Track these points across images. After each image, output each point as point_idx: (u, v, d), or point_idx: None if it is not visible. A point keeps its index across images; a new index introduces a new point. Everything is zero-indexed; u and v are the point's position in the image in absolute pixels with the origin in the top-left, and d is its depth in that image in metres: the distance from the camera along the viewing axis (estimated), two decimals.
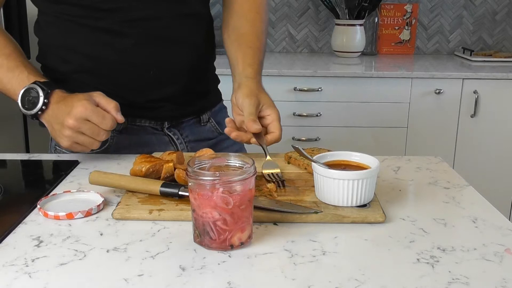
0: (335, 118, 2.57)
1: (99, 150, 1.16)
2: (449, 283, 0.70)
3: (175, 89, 1.20)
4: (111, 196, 0.96)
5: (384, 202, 0.95)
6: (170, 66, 1.18)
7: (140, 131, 1.22)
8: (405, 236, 0.83)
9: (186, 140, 1.25)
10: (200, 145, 1.23)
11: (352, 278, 0.71)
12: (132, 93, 1.18)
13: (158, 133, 1.23)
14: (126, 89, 1.17)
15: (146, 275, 0.71)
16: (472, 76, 2.53)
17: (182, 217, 0.87)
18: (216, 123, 1.31)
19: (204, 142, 1.26)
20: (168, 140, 1.24)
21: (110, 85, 1.16)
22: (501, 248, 0.80)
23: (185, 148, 1.25)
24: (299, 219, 0.87)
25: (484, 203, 0.97)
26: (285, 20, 3.10)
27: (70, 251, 0.78)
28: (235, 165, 0.82)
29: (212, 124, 1.30)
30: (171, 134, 1.24)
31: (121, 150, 1.21)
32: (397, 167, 1.14)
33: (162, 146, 1.22)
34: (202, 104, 1.27)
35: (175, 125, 1.24)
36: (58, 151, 1.25)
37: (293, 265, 0.74)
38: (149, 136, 1.22)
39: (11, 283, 0.69)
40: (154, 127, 1.22)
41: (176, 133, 1.24)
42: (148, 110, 1.20)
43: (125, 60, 1.15)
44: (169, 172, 0.98)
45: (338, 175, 0.89)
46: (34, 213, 0.90)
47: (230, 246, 0.78)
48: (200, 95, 1.26)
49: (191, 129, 1.26)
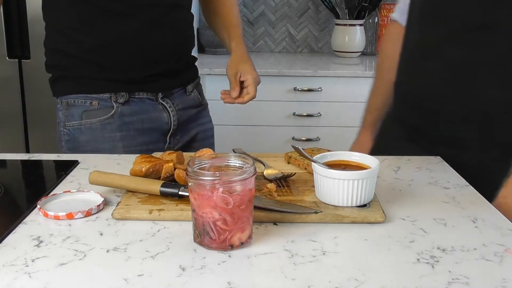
0: (335, 118, 2.57)
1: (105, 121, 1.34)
2: (449, 283, 0.70)
3: (168, 65, 1.40)
4: (111, 196, 0.96)
5: (384, 202, 0.95)
6: (165, 47, 1.37)
7: (139, 102, 1.38)
8: (405, 236, 0.83)
9: (177, 108, 1.43)
10: (188, 111, 1.46)
11: (352, 278, 0.71)
12: (133, 70, 1.35)
13: (153, 103, 1.40)
14: (128, 66, 1.34)
15: (146, 275, 0.71)
16: None
17: (182, 217, 0.87)
18: (198, 93, 1.51)
19: (190, 109, 1.47)
20: (162, 108, 1.41)
21: (115, 64, 1.33)
22: (501, 248, 0.80)
23: (175, 114, 1.43)
24: (299, 219, 0.87)
25: (484, 203, 0.97)
26: (285, 20, 3.10)
27: (70, 251, 0.78)
28: (235, 165, 0.82)
29: (195, 94, 1.50)
30: (164, 103, 1.41)
31: (125, 117, 1.36)
32: (397, 167, 1.14)
33: (156, 112, 1.40)
34: (187, 77, 1.48)
35: (168, 95, 1.42)
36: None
37: (293, 265, 0.74)
38: (147, 106, 1.39)
39: (11, 283, 0.69)
40: (150, 98, 1.39)
41: (168, 102, 1.42)
42: (146, 83, 1.38)
43: (131, 41, 1.32)
44: (169, 172, 0.98)
45: (338, 175, 0.89)
46: (34, 213, 0.90)
47: (230, 246, 0.78)
48: (185, 69, 1.48)
49: (180, 98, 1.45)
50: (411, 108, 1.26)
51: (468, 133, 1.17)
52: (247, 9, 3.13)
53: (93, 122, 1.34)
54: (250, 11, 3.14)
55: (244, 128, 2.61)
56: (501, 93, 1.12)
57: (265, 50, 3.16)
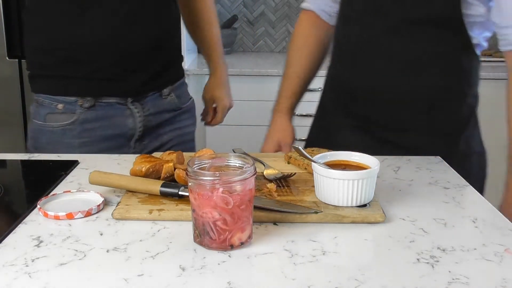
0: None
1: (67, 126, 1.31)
2: (449, 283, 0.70)
3: (140, 65, 1.33)
4: (111, 196, 0.96)
5: (384, 202, 0.95)
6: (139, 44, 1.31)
7: (106, 107, 1.33)
8: (405, 236, 0.83)
9: (146, 114, 1.37)
10: (161, 116, 1.39)
11: (352, 278, 0.71)
12: (102, 68, 1.29)
13: (122, 107, 1.34)
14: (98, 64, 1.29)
15: (146, 275, 0.71)
16: None
17: (182, 217, 0.87)
18: (176, 96, 1.43)
19: (164, 114, 1.41)
20: (130, 113, 1.35)
21: (85, 61, 1.28)
22: (501, 248, 0.80)
23: (143, 120, 1.36)
24: (299, 219, 0.87)
25: (484, 203, 0.97)
26: (285, 20, 3.10)
27: (70, 251, 0.78)
28: (235, 165, 0.82)
29: (172, 98, 1.42)
30: (133, 107, 1.35)
31: (87, 124, 1.32)
32: (397, 167, 1.14)
33: (122, 118, 1.34)
34: (164, 79, 1.40)
35: (139, 100, 1.35)
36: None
37: (293, 265, 0.74)
38: (114, 111, 1.33)
39: (11, 283, 0.69)
40: (120, 102, 1.33)
41: (138, 107, 1.35)
42: (115, 84, 1.32)
43: (102, 35, 1.27)
44: (169, 172, 0.98)
45: (338, 175, 0.89)
46: (34, 213, 0.90)
47: (230, 246, 0.78)
48: (164, 70, 1.39)
49: (153, 102, 1.38)
50: (360, 99, 1.29)
51: (416, 118, 1.25)
52: (247, 9, 3.13)
53: (54, 126, 1.31)
54: (250, 11, 3.14)
55: (244, 128, 2.61)
56: (441, 81, 1.22)
57: (265, 50, 3.16)
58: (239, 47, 3.22)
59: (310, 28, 1.42)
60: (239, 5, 3.16)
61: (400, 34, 1.20)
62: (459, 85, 1.24)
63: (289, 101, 1.44)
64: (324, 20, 1.41)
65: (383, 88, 1.24)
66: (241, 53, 3.17)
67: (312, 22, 1.42)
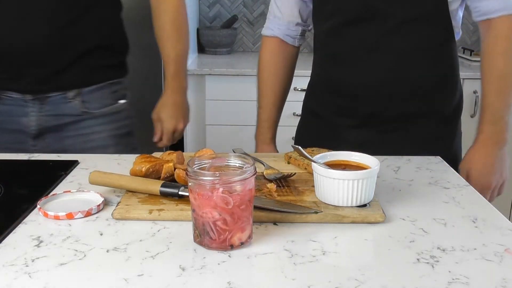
0: None
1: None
2: (449, 283, 0.70)
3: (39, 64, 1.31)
4: (111, 196, 0.96)
5: (384, 202, 0.95)
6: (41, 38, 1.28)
7: (9, 101, 1.35)
8: (405, 236, 0.83)
9: (45, 114, 1.36)
10: (62, 119, 1.37)
11: (352, 278, 0.71)
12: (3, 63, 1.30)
13: (24, 104, 1.35)
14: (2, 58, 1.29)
15: (146, 275, 0.71)
16: (472, 76, 2.53)
17: (182, 217, 0.87)
18: (82, 101, 1.38)
19: (66, 117, 1.37)
20: (27, 110, 1.35)
21: None
22: (501, 248, 0.80)
23: (39, 119, 1.35)
24: (299, 219, 0.87)
25: (484, 203, 0.97)
26: None
27: (70, 251, 0.78)
28: (235, 165, 0.82)
29: (77, 103, 1.37)
30: (31, 105, 1.35)
31: None
32: (397, 167, 1.14)
33: (19, 114, 1.35)
34: (69, 82, 1.36)
35: (41, 99, 1.35)
36: None
37: (293, 265, 0.74)
38: (16, 106, 1.34)
39: (11, 283, 0.69)
40: (22, 98, 1.34)
41: (36, 105, 1.35)
42: (15, 79, 1.32)
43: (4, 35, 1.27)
44: (169, 172, 0.98)
45: (338, 175, 0.89)
46: (34, 213, 0.90)
47: (230, 246, 0.78)
48: (62, 72, 1.35)
49: (54, 104, 1.36)
50: (362, 97, 1.31)
51: (419, 106, 1.30)
52: (247, 9, 3.13)
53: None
54: (250, 11, 3.14)
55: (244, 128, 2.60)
56: (429, 71, 1.28)
57: None
58: (239, 47, 3.22)
59: (277, 55, 1.47)
60: (239, 5, 3.16)
61: (397, 34, 1.25)
62: (453, 70, 1.33)
63: (270, 131, 1.51)
64: (289, 44, 1.46)
65: (384, 83, 1.28)
66: (241, 53, 3.16)
67: (277, 48, 1.46)
